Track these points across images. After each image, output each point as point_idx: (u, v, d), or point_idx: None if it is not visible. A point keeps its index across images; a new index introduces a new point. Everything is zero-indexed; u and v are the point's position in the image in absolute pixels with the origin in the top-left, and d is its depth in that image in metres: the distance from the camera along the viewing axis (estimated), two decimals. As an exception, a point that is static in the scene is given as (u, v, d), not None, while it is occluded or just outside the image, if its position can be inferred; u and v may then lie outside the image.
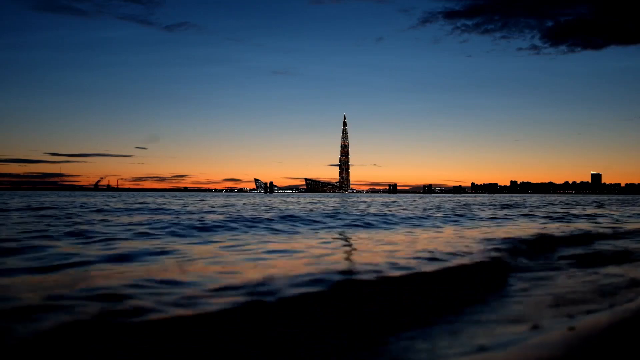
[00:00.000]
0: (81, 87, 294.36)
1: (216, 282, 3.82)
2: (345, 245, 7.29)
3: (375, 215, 15.51)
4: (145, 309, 3.01)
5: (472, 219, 14.41)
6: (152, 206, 21.50)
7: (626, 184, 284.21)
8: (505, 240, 7.35)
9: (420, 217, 15.01)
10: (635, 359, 2.42)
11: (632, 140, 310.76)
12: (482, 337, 2.96)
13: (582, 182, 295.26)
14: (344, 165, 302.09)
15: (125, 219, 11.97)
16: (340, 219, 13.37)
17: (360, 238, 8.36)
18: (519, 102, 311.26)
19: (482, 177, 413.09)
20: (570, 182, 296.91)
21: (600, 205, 31.00)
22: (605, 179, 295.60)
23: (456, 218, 14.94)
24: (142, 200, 32.20)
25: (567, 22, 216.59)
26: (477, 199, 57.71)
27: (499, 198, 69.36)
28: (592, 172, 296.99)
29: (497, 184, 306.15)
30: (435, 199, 65.69)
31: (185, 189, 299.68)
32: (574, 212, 19.70)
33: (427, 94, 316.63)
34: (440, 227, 11.53)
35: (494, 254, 5.83)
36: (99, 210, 16.84)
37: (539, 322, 3.15)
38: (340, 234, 9.26)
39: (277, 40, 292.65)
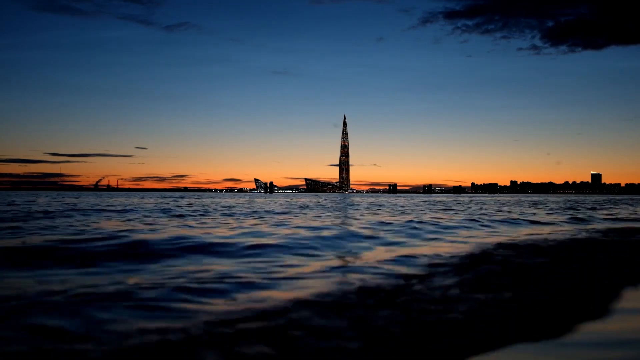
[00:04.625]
0: (81, 87, 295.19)
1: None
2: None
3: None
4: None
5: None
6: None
7: (626, 184, 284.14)
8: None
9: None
10: None
11: (632, 140, 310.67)
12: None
13: (582, 182, 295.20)
14: (344, 165, 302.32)
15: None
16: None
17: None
18: (519, 102, 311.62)
19: (482, 177, 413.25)
20: (570, 182, 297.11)
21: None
22: (605, 179, 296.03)
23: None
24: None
25: (567, 22, 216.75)
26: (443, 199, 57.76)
27: (498, 198, 69.32)
28: (592, 172, 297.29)
29: (497, 184, 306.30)
30: (398, 199, 65.76)
31: (186, 189, 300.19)
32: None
33: (427, 94, 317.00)
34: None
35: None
36: None
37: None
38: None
39: (277, 40, 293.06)
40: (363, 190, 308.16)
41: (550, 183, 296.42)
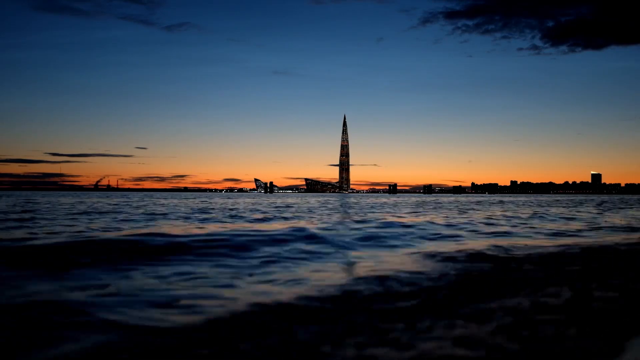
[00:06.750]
0: (81, 87, 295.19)
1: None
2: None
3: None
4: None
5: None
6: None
7: (626, 184, 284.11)
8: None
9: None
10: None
11: (632, 140, 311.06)
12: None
13: (582, 182, 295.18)
14: (344, 165, 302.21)
15: None
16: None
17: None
18: (519, 102, 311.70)
19: (482, 177, 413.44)
20: (570, 182, 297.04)
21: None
22: (605, 179, 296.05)
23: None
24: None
25: (567, 22, 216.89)
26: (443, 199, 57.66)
27: (497, 198, 69.32)
28: (592, 172, 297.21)
29: (497, 184, 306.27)
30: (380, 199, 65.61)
31: (185, 189, 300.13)
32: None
33: (427, 94, 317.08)
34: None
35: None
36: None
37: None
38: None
39: (277, 40, 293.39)
40: (363, 190, 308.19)
41: (550, 183, 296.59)
